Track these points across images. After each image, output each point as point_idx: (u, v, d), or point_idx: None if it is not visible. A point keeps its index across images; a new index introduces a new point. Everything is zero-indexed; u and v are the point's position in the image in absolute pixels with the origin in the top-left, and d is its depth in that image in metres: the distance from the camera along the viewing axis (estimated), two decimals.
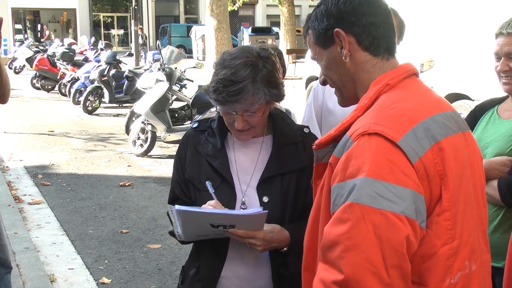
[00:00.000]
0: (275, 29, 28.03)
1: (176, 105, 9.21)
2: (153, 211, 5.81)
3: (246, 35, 26.80)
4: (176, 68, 9.06)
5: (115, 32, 38.73)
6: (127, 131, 8.87)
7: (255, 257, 1.91)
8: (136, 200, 6.18)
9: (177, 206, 1.78)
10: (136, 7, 20.61)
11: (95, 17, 37.87)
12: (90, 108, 11.97)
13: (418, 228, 1.23)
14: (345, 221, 1.22)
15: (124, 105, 12.67)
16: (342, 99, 1.50)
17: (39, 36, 32.52)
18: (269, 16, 38.04)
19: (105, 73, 12.11)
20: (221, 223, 1.77)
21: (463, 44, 7.70)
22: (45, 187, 6.61)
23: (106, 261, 4.57)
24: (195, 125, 2.05)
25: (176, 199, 2.02)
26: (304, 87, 11.65)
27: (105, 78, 12.06)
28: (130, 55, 18.79)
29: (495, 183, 2.12)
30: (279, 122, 1.97)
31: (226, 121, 1.89)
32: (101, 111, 12.30)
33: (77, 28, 35.05)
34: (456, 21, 8.05)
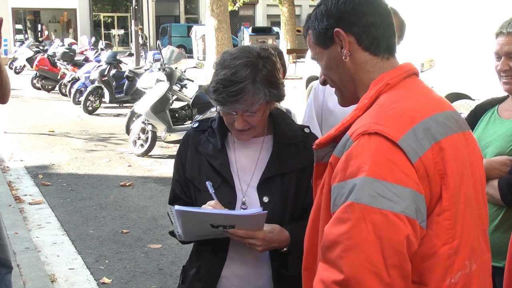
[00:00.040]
0: (275, 29, 28.02)
1: (177, 105, 9.21)
2: (154, 211, 5.81)
3: (246, 35, 26.79)
4: (176, 68, 9.06)
5: (115, 32, 38.73)
6: (128, 131, 8.87)
7: (255, 257, 1.91)
8: (136, 200, 6.18)
9: (176, 207, 1.78)
10: (136, 7, 20.60)
11: (96, 17, 37.88)
12: (90, 108, 11.97)
13: (418, 228, 1.23)
14: (345, 221, 1.22)
15: (124, 105, 12.68)
16: (342, 99, 1.50)
17: (39, 36, 32.52)
18: (269, 16, 38.04)
19: (106, 73, 12.12)
20: (221, 223, 1.77)
21: (463, 43, 7.69)
22: (45, 187, 6.61)
23: (107, 261, 4.57)
24: (195, 125, 2.05)
25: (177, 199, 2.02)
26: (304, 87, 11.64)
27: (106, 78, 12.07)
28: (131, 55, 18.76)
29: (495, 182, 2.12)
30: (279, 122, 1.97)
31: (226, 121, 1.89)
32: (101, 111, 12.30)
33: (78, 28, 35.05)
34: (457, 21, 8.04)
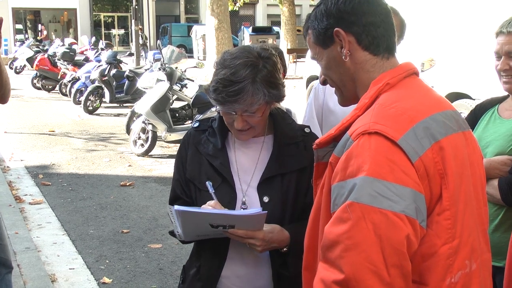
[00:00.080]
0: (275, 28, 28.01)
1: (177, 104, 9.21)
2: (154, 211, 5.81)
3: (246, 34, 26.78)
4: (176, 67, 9.06)
5: (115, 32, 38.74)
6: (128, 131, 8.87)
7: (255, 257, 1.91)
8: (137, 200, 6.18)
9: (176, 207, 1.78)
10: (136, 6, 20.60)
11: (96, 17, 37.89)
12: (90, 108, 11.97)
13: (418, 227, 1.23)
14: (345, 221, 1.22)
15: (124, 105, 12.68)
16: (342, 98, 1.50)
17: (39, 36, 32.52)
18: (269, 16, 38.04)
19: (106, 73, 12.12)
20: (221, 223, 1.77)
21: (463, 43, 7.69)
22: (46, 187, 6.61)
23: (107, 261, 4.57)
24: (196, 124, 2.05)
25: (177, 198, 2.02)
26: (305, 86, 11.65)
27: (106, 78, 12.07)
28: (131, 54, 18.77)
29: (495, 182, 2.12)
30: (280, 122, 1.97)
31: (226, 121, 1.89)
32: (101, 111, 12.30)
33: (78, 28, 35.05)
34: (457, 21, 8.04)
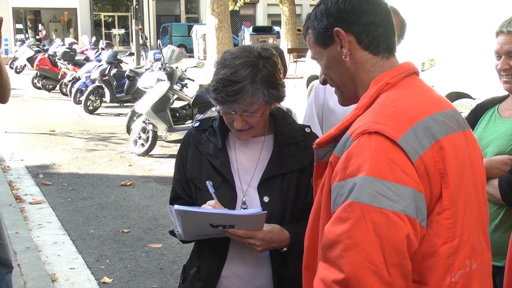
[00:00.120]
0: (276, 28, 28.02)
1: (177, 104, 9.21)
2: (154, 210, 5.81)
3: (247, 34, 26.80)
4: (177, 67, 9.06)
5: (116, 31, 38.73)
6: (128, 130, 8.87)
7: (255, 257, 1.91)
8: (137, 200, 6.18)
9: (176, 206, 1.78)
10: (137, 6, 20.60)
11: (96, 16, 37.88)
12: (91, 108, 11.97)
13: (418, 227, 1.23)
14: (345, 220, 1.22)
15: (125, 104, 12.68)
16: (342, 98, 1.50)
17: (36, 35, 32.52)
18: (270, 15, 38.04)
19: (106, 72, 12.12)
20: (221, 223, 1.77)
21: (464, 43, 7.69)
22: (46, 187, 6.61)
23: (107, 260, 4.58)
24: (196, 124, 2.05)
25: (178, 198, 2.02)
26: (305, 86, 11.64)
27: (106, 77, 12.07)
28: (131, 54, 18.77)
29: (496, 182, 2.12)
30: (280, 122, 1.97)
31: (226, 121, 1.89)
32: (102, 110, 12.31)
33: (78, 28, 35.04)
34: (457, 20, 8.04)
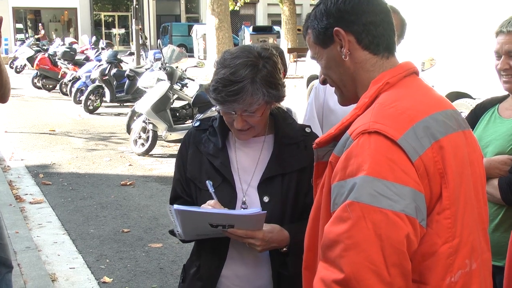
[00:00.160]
0: (276, 28, 28.02)
1: (177, 104, 9.22)
2: (154, 210, 5.81)
3: (247, 34, 26.79)
4: (177, 67, 9.06)
5: (116, 31, 38.71)
6: (128, 130, 8.87)
7: (255, 257, 1.91)
8: (137, 199, 6.18)
9: (175, 206, 1.78)
10: (137, 6, 20.60)
11: (96, 16, 37.88)
12: (91, 108, 11.98)
13: (418, 227, 1.23)
14: (345, 220, 1.22)
15: (125, 104, 12.68)
16: (342, 98, 1.49)
17: (35, 35, 32.51)
18: (270, 15, 38.04)
19: (106, 72, 12.12)
20: (220, 223, 1.77)
21: (464, 42, 7.69)
22: (46, 187, 6.61)
23: (107, 260, 4.58)
24: (197, 123, 2.05)
25: (178, 198, 2.02)
26: (305, 86, 11.64)
27: (106, 77, 12.07)
28: (131, 54, 18.77)
29: (495, 181, 2.12)
30: (280, 122, 1.96)
31: (226, 121, 1.89)
32: (102, 110, 12.31)
33: (78, 27, 35.03)
34: (457, 20, 8.05)
